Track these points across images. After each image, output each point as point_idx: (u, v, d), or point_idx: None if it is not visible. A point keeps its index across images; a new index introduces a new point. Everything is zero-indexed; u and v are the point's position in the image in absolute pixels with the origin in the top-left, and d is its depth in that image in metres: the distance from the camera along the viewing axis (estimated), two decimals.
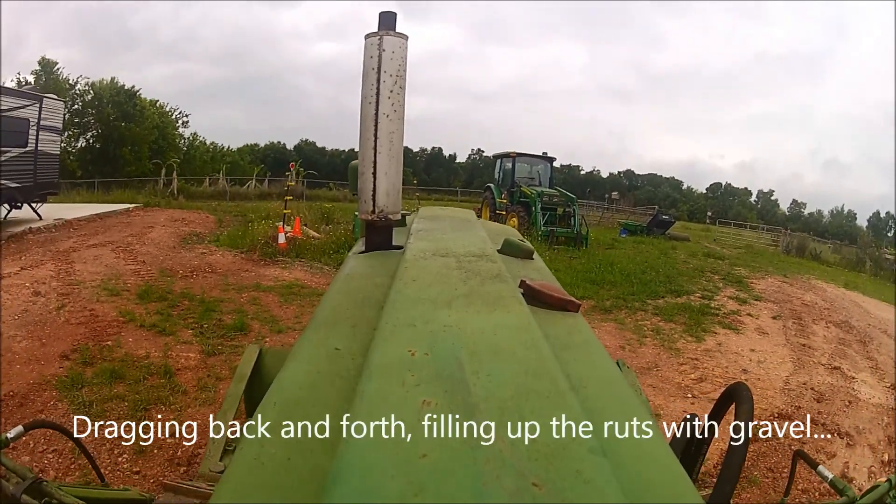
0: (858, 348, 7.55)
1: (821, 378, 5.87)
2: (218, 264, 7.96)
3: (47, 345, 4.67)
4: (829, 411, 5.03)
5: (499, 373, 0.74)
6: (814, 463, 1.22)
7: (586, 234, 13.31)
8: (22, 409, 3.62)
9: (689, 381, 4.84)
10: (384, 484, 0.53)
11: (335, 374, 0.84)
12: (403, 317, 0.94)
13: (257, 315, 5.65)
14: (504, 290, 1.09)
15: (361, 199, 1.54)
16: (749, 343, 6.51)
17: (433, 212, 2.34)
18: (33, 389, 3.86)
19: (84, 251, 8.46)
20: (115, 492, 1.12)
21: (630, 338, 6.07)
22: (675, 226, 21.97)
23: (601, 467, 0.56)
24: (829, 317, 9.24)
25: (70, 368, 4.09)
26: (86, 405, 3.49)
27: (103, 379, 3.81)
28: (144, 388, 3.71)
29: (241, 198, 20.61)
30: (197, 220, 13.37)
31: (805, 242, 22.48)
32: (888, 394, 5.82)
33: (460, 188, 36.49)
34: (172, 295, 6.10)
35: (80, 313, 5.40)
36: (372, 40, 1.47)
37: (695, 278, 10.42)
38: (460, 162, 56.51)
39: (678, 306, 7.74)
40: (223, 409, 1.51)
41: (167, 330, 4.95)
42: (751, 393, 1.01)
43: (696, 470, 1.17)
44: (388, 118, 1.46)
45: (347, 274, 1.47)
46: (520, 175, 15.43)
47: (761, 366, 5.70)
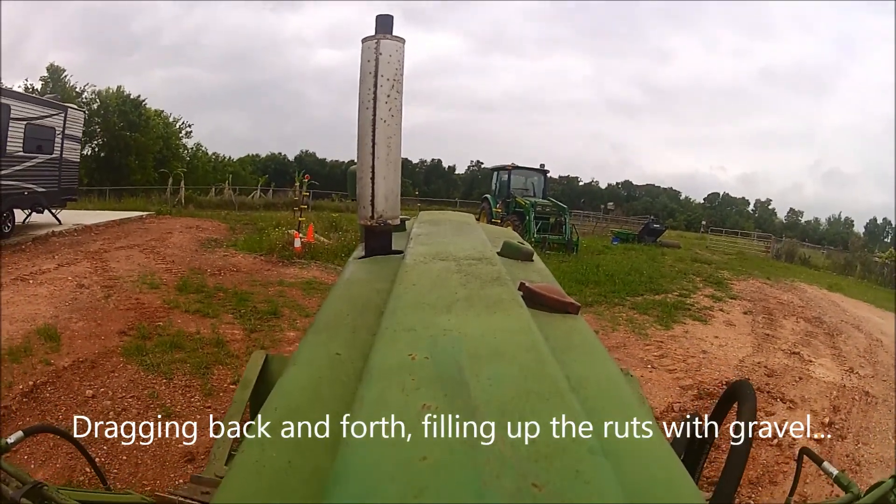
0: (825, 339, 8.09)
1: (777, 360, 6.55)
2: (241, 265, 8.77)
3: (103, 325, 5.45)
4: (777, 384, 5.75)
5: (499, 375, 0.74)
6: (819, 459, 1.20)
7: (577, 241, 14.26)
8: (94, 370, 4.41)
9: (651, 356, 5.66)
10: (384, 485, 0.53)
11: (336, 379, 0.85)
12: (403, 321, 0.94)
13: (286, 304, 6.45)
14: (504, 293, 1.10)
15: (360, 205, 1.55)
16: (715, 332, 7.26)
17: (432, 216, 2.36)
18: (100, 357, 4.65)
19: (114, 252, 9.24)
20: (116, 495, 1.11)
21: (605, 325, 6.85)
22: (670, 235, 22.73)
23: (601, 468, 0.56)
24: (802, 313, 9.76)
25: (130, 342, 4.88)
26: (153, 367, 4.30)
27: (164, 348, 4.62)
28: (201, 354, 4.55)
29: (247, 207, 21.26)
30: (210, 227, 14.13)
31: (794, 248, 23.14)
32: (844, 376, 6.42)
33: (459, 199, 37.37)
34: (207, 288, 6.89)
35: (127, 301, 6.19)
36: (369, 44, 1.47)
37: (676, 279, 11.12)
38: (459, 173, 57.66)
39: (655, 302, 8.51)
40: (229, 414, 1.51)
41: (210, 314, 5.77)
42: (753, 392, 0.99)
43: (698, 470, 1.16)
44: (386, 123, 1.48)
45: (347, 279, 1.49)
46: (515, 186, 16.46)
47: (721, 348, 6.48)
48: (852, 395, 5.82)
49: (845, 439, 4.79)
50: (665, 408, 4.44)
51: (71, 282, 7.04)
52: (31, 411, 3.80)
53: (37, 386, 4.08)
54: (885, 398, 5.85)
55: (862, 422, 5.20)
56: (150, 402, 3.77)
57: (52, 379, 4.20)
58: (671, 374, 5.27)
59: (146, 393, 3.85)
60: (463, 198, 38.93)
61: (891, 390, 6.11)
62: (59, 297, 6.36)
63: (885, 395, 5.92)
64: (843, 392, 5.89)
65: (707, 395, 4.81)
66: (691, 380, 5.16)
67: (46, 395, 3.99)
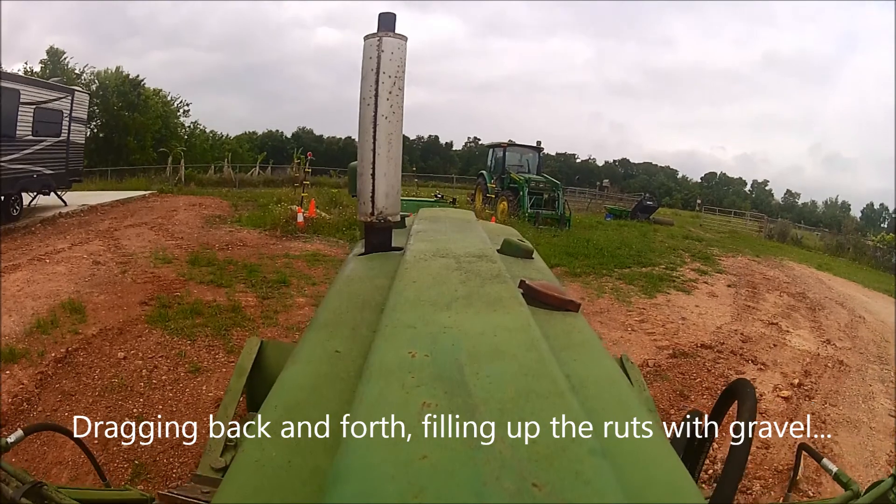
0: (806, 313, 8.29)
1: (754, 328, 6.92)
2: (247, 240, 9.16)
3: (123, 297, 5.84)
4: (751, 349, 6.13)
5: (499, 374, 0.75)
6: (818, 456, 1.19)
7: (569, 216, 14.70)
8: (122, 336, 4.83)
9: (631, 321, 6.12)
10: (384, 485, 0.54)
11: (335, 376, 0.85)
12: (403, 318, 0.95)
13: (293, 274, 6.88)
14: (504, 290, 1.10)
15: (360, 201, 1.56)
16: (696, 302, 7.69)
17: (433, 213, 2.39)
18: (126, 324, 5.06)
19: (124, 230, 9.56)
20: (115, 492, 1.12)
21: (591, 293, 7.30)
22: (666, 213, 22.98)
23: (601, 468, 0.57)
24: (786, 289, 9.93)
25: (152, 310, 5.29)
26: (177, 331, 4.73)
27: (184, 315, 5.05)
28: (220, 318, 5.01)
29: (247, 184, 21.50)
30: (213, 204, 14.37)
31: (787, 228, 23.26)
32: (820, 346, 6.66)
33: (456, 175, 37.50)
34: (218, 261, 7.29)
35: (143, 275, 6.58)
36: (371, 41, 1.48)
37: (665, 254, 11.47)
38: (457, 150, 57.44)
39: (641, 274, 8.93)
40: (224, 404, 1.50)
41: (224, 284, 6.20)
42: (754, 391, 1.00)
43: (698, 469, 1.17)
44: (387, 119, 1.49)
45: (347, 276, 1.49)
46: (510, 163, 16.80)
47: (700, 316, 6.91)
48: (826, 363, 6.05)
49: (812, 399, 5.10)
50: (640, 363, 4.89)
51: (87, 259, 7.37)
52: (67, 374, 4.20)
53: (69, 352, 4.48)
54: (859, 368, 6.05)
55: (832, 386, 5.48)
56: (178, 360, 4.21)
57: (83, 345, 4.61)
58: (649, 337, 5.71)
59: (174, 353, 4.29)
60: (460, 174, 39.01)
61: (867, 362, 6.29)
62: (78, 273, 6.71)
63: (860, 366, 6.13)
64: (817, 360, 6.14)
65: (681, 354, 5.26)
66: (668, 342, 5.61)
67: (80, 360, 4.40)
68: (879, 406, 5.17)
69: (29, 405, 3.77)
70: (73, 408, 3.74)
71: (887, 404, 5.24)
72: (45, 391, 3.95)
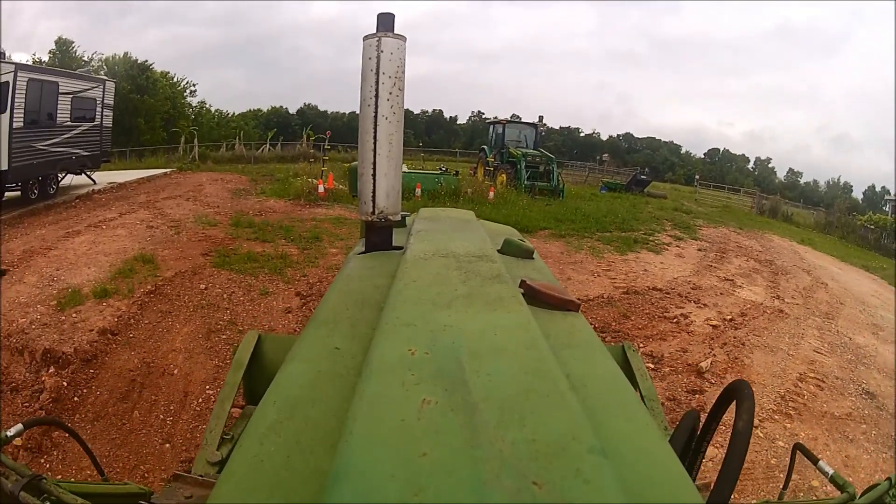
0: (767, 276, 8.87)
1: (708, 282, 7.86)
2: (276, 207, 10.52)
3: (185, 251, 7.15)
4: (698, 295, 7.07)
5: (499, 372, 0.75)
6: (814, 458, 1.19)
7: (562, 188, 16.00)
8: (197, 276, 6.13)
9: (599, 270, 7.44)
10: (384, 483, 0.54)
11: (335, 374, 0.87)
12: (403, 316, 0.96)
13: (322, 232, 8.25)
14: (504, 290, 1.12)
15: (361, 201, 1.57)
16: (662, 259, 8.89)
17: (433, 212, 2.43)
18: (196, 268, 6.39)
19: (162, 202, 10.77)
20: (113, 486, 1.10)
21: (570, 249, 8.61)
22: (665, 187, 23.69)
23: (601, 467, 0.57)
24: (756, 256, 10.50)
25: (214, 258, 6.63)
26: (241, 271, 6.12)
27: (243, 260, 6.43)
28: (272, 262, 6.42)
29: (259, 161, 22.46)
30: (233, 179, 15.54)
31: (778, 205, 23.49)
32: (768, 299, 7.33)
33: (460, 150, 38.25)
34: (256, 224, 8.65)
35: (196, 235, 7.91)
36: (370, 42, 1.48)
37: (648, 223, 12.41)
38: (461, 124, 57.77)
39: (620, 237, 10.13)
40: (221, 398, 1.49)
41: (268, 240, 7.61)
42: (752, 391, 0.99)
43: (696, 468, 1.18)
44: (388, 120, 1.50)
45: (348, 274, 1.50)
46: (509, 138, 18.18)
47: (662, 270, 8.14)
48: (765, 310, 6.77)
49: (738, 329, 6.02)
50: (596, 297, 6.22)
51: (140, 225, 8.55)
52: (160, 301, 5.47)
53: (157, 287, 5.78)
54: (799, 318, 6.67)
55: (763, 324, 6.29)
56: (248, 288, 5.64)
57: (167, 283, 5.92)
58: (611, 281, 7.00)
59: (244, 284, 5.71)
60: (464, 148, 39.64)
61: (811, 315, 6.85)
62: (138, 235, 7.90)
63: (801, 316, 6.74)
64: (758, 307, 6.87)
65: (633, 292, 6.57)
66: (625, 285, 6.88)
67: (168, 291, 5.72)
68: (806, 344, 5.92)
69: (135, 321, 5.02)
70: (173, 321, 5.07)
71: (815, 344, 5.97)
72: (145, 312, 5.22)
